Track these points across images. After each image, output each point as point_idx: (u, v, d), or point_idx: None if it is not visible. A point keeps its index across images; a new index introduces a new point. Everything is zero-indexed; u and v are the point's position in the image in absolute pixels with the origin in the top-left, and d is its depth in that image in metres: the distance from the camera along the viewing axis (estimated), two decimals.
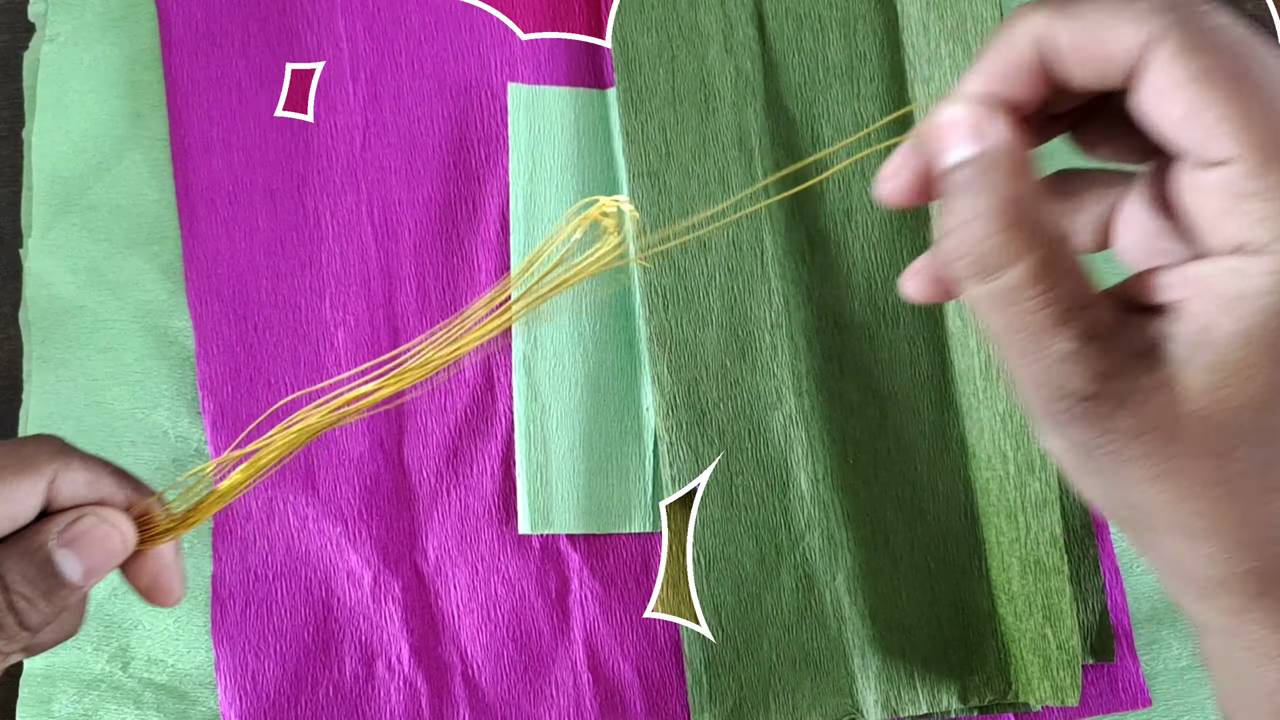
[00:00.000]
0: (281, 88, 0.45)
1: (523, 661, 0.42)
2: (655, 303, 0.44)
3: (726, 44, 0.45)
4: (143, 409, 0.43)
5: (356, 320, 0.44)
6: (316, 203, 0.45)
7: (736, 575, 0.42)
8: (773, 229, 0.44)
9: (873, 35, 0.46)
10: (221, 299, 0.44)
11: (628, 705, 0.42)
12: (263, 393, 0.43)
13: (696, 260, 0.44)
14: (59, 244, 0.44)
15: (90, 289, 0.44)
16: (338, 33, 0.46)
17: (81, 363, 0.43)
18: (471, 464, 0.43)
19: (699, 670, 0.42)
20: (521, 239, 0.45)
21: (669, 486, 0.43)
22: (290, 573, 0.42)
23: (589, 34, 0.47)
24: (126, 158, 0.45)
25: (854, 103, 0.45)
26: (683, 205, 0.44)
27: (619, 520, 0.43)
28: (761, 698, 0.42)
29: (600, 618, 0.43)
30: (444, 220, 0.45)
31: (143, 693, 0.41)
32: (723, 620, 0.42)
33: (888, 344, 0.44)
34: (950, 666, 0.42)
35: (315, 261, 0.44)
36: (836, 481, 0.43)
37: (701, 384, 0.43)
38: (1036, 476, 0.41)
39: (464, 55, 0.46)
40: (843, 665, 0.42)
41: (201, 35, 0.45)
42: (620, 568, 0.43)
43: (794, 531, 0.42)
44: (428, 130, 0.46)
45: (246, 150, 0.45)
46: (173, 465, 0.43)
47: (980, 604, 0.43)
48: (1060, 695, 0.41)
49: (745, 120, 0.45)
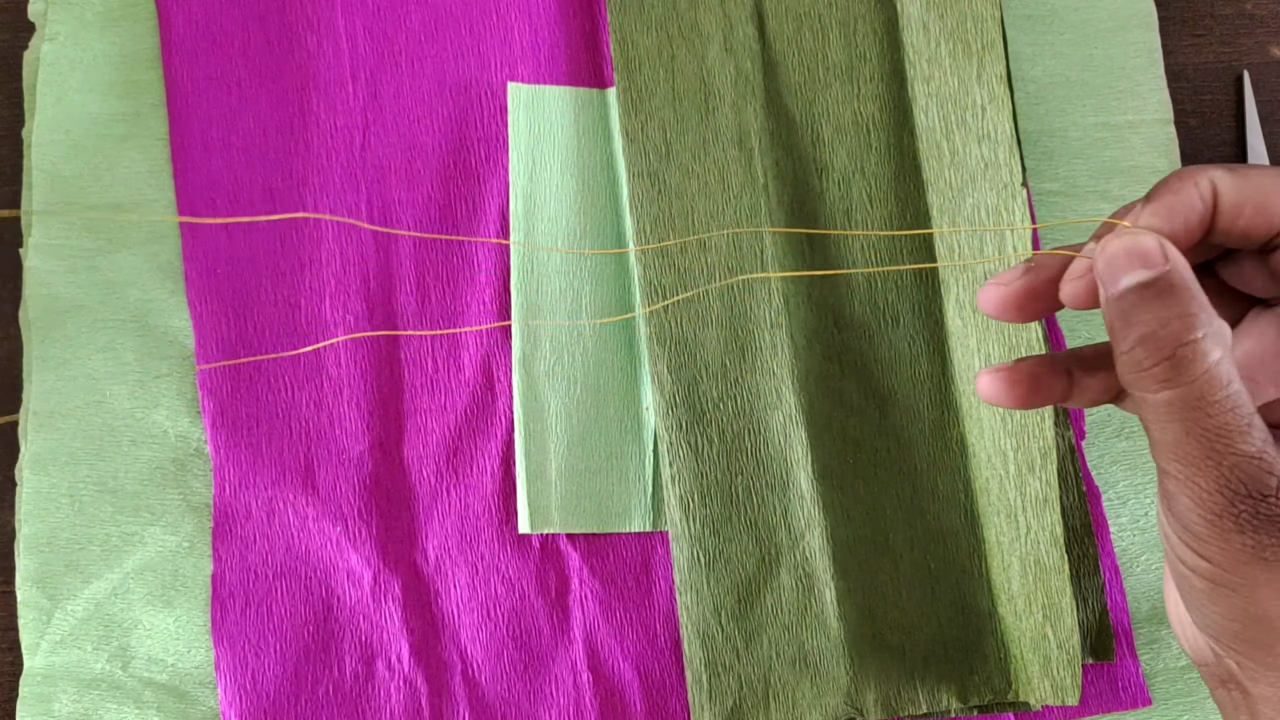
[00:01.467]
0: (281, 87, 0.45)
1: (522, 661, 0.42)
2: (655, 301, 0.44)
3: (726, 43, 0.45)
4: (143, 409, 0.43)
5: (356, 320, 0.44)
6: (316, 202, 0.45)
7: (736, 575, 0.42)
8: (772, 228, 0.44)
9: (873, 35, 0.46)
10: (221, 298, 0.44)
11: (628, 705, 0.42)
12: (262, 392, 0.43)
13: (696, 260, 0.44)
14: (59, 243, 0.44)
15: (90, 288, 0.44)
16: (338, 32, 0.46)
17: (81, 362, 0.43)
18: (471, 463, 0.43)
19: (699, 670, 0.42)
20: (521, 239, 0.45)
21: (669, 486, 0.43)
22: (290, 572, 0.42)
23: (588, 34, 0.47)
24: (126, 157, 0.45)
25: (854, 102, 0.45)
26: (683, 205, 0.44)
27: (619, 520, 0.43)
28: (761, 697, 0.42)
29: (600, 617, 0.43)
30: (444, 220, 0.45)
31: (143, 692, 0.41)
32: (722, 620, 0.42)
33: (888, 343, 0.44)
34: (950, 666, 0.42)
35: (315, 261, 0.44)
36: (836, 481, 0.43)
37: (701, 383, 0.43)
38: (1037, 476, 0.41)
39: (464, 55, 0.46)
40: (843, 665, 0.42)
41: (201, 35, 0.45)
42: (620, 567, 0.43)
43: (794, 531, 0.43)
44: (427, 130, 0.46)
45: (246, 150, 0.45)
46: (173, 465, 0.43)
47: (980, 603, 0.43)
48: (1060, 695, 0.41)
49: (745, 120, 0.45)
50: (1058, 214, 0.46)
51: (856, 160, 0.45)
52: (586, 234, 0.45)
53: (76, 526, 0.42)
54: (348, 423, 0.43)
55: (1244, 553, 0.26)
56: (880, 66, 0.46)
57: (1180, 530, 0.28)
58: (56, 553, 0.42)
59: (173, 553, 0.42)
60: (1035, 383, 0.31)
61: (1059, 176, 0.47)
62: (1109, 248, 0.27)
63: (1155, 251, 0.26)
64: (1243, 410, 0.26)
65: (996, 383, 0.31)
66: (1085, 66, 0.48)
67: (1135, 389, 0.27)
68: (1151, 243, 0.27)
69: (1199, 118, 0.48)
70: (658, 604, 0.43)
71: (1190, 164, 0.47)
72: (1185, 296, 0.26)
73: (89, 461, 0.43)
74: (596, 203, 0.45)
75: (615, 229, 0.45)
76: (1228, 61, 0.49)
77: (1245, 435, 0.26)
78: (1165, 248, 0.27)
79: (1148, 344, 0.26)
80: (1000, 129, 0.43)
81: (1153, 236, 0.27)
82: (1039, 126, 0.47)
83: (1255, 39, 0.49)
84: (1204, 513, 0.27)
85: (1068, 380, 0.31)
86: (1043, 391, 0.31)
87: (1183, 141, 0.47)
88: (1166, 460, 0.27)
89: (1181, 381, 0.26)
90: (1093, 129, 0.47)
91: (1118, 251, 0.27)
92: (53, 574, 0.42)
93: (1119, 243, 0.27)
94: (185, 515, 0.43)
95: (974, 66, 0.44)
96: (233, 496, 0.42)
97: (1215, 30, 0.49)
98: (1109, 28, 0.48)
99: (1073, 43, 0.48)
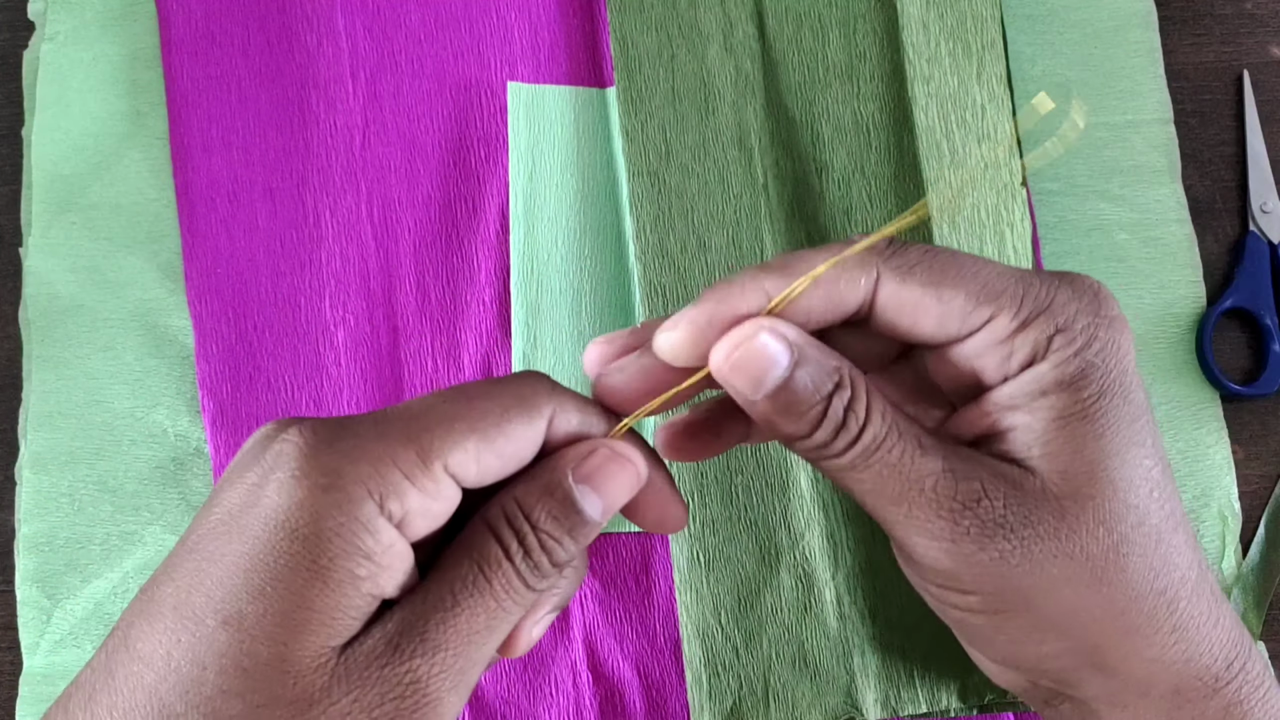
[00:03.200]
0: (281, 87, 0.45)
1: (522, 661, 0.42)
2: (655, 301, 0.44)
3: (726, 43, 0.45)
4: (143, 408, 0.43)
5: (356, 320, 0.44)
6: (316, 202, 0.45)
7: (736, 575, 0.42)
8: (772, 228, 0.44)
9: (872, 35, 0.46)
10: (221, 298, 0.44)
11: (628, 705, 0.42)
12: (262, 392, 0.43)
13: (696, 259, 0.44)
14: (58, 243, 0.44)
15: (90, 288, 0.44)
16: (338, 32, 0.46)
17: (81, 362, 0.43)
18: None
19: (699, 669, 0.42)
20: (521, 238, 0.45)
21: None
22: None
23: (588, 33, 0.47)
24: (126, 156, 0.45)
25: (854, 102, 0.45)
26: (683, 204, 0.44)
27: (618, 519, 0.43)
28: (761, 697, 0.42)
29: (600, 617, 0.43)
30: (444, 219, 0.45)
31: None
32: (722, 620, 0.42)
33: None
34: (950, 665, 0.42)
35: (315, 261, 0.44)
36: None
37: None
38: None
39: (464, 55, 0.46)
40: (842, 664, 0.42)
41: (201, 34, 0.45)
42: (620, 567, 0.43)
43: (794, 530, 0.43)
44: (427, 129, 0.46)
45: (246, 149, 0.45)
46: (173, 465, 0.43)
47: None
48: None
49: (745, 119, 0.45)
50: (1058, 214, 0.46)
51: (856, 160, 0.45)
52: (586, 233, 0.45)
53: (76, 526, 0.42)
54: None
55: (994, 567, 0.27)
56: (880, 66, 0.46)
57: (934, 576, 0.29)
58: (56, 552, 0.42)
59: None
60: (710, 435, 0.31)
61: (1059, 176, 0.47)
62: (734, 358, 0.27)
63: (782, 348, 0.27)
64: (918, 440, 0.27)
65: (672, 440, 0.31)
66: (1085, 66, 0.48)
67: (818, 462, 0.28)
68: (773, 340, 0.27)
69: (1199, 117, 0.48)
70: (658, 604, 0.43)
71: (1190, 163, 0.47)
72: (826, 364, 0.27)
73: (89, 461, 0.43)
74: (596, 202, 0.45)
75: (615, 229, 0.45)
76: (1228, 61, 0.49)
77: (926, 456, 0.27)
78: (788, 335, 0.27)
79: (811, 415, 0.27)
80: (1000, 129, 0.43)
81: (768, 330, 0.27)
82: (1039, 126, 0.47)
83: (1255, 39, 0.49)
84: (940, 542, 0.27)
85: (744, 427, 0.31)
86: (720, 439, 0.31)
87: (1183, 141, 0.47)
88: (882, 506, 0.28)
89: (853, 439, 0.27)
90: (1093, 128, 0.47)
91: (747, 358, 0.27)
92: (52, 573, 0.42)
93: (741, 351, 0.27)
94: (185, 515, 0.43)
95: (974, 66, 0.44)
96: None
97: (1215, 30, 0.49)
98: (1109, 27, 0.48)
99: (1072, 42, 0.48)
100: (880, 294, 0.28)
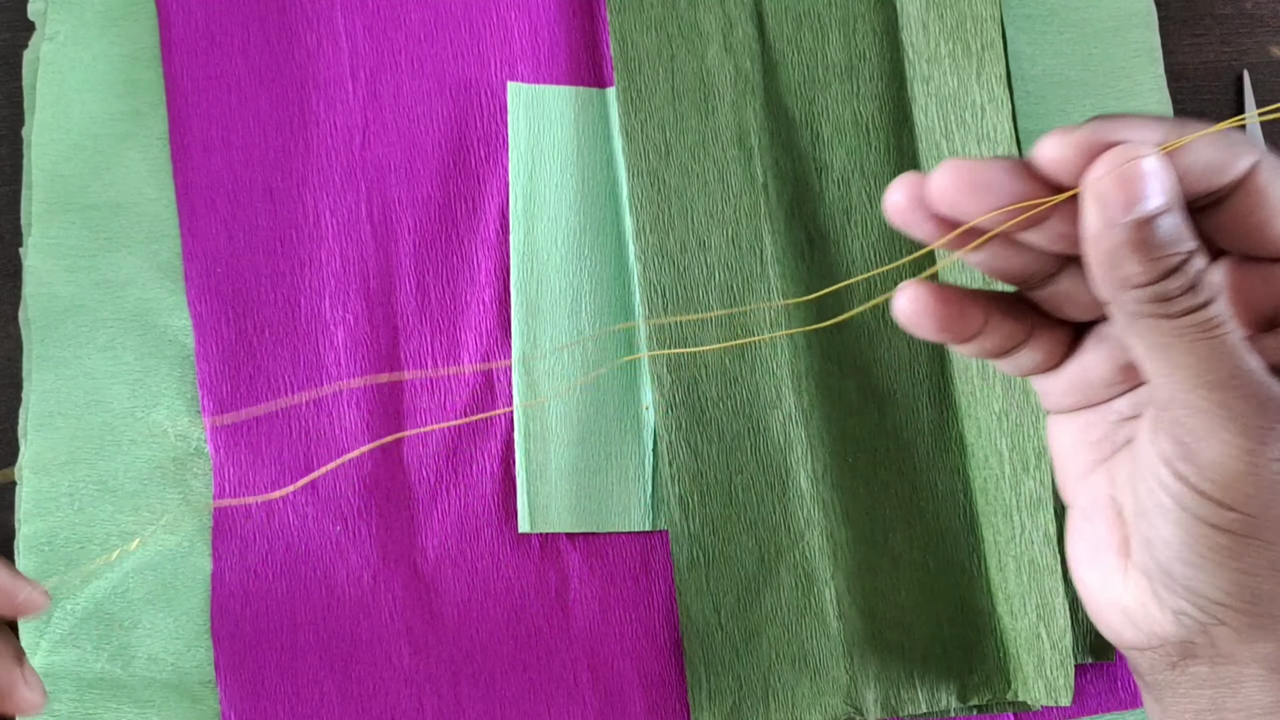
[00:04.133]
0: (281, 87, 0.45)
1: (522, 660, 0.42)
2: (655, 301, 0.44)
3: (726, 43, 0.45)
4: (143, 408, 0.43)
5: (356, 319, 0.44)
6: (316, 202, 0.45)
7: (736, 574, 0.42)
8: (772, 227, 0.44)
9: (872, 35, 0.46)
10: (221, 298, 0.44)
11: (628, 704, 0.42)
12: (263, 392, 0.43)
13: (696, 259, 0.44)
14: (58, 242, 0.44)
15: (90, 287, 0.44)
16: (337, 32, 0.46)
17: (81, 362, 0.43)
18: (471, 463, 0.43)
19: (699, 669, 0.42)
20: (521, 238, 0.45)
21: (668, 485, 0.43)
22: (290, 572, 0.42)
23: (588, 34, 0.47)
24: (125, 156, 0.45)
25: (853, 102, 0.45)
26: (682, 204, 0.44)
27: (618, 519, 0.43)
28: (761, 696, 0.42)
29: (600, 616, 0.43)
30: (444, 219, 0.45)
31: (143, 691, 0.41)
32: (722, 619, 0.42)
33: (887, 344, 0.44)
34: (949, 665, 0.42)
35: (315, 261, 0.44)
36: (836, 480, 0.43)
37: (701, 383, 0.43)
38: (1031, 475, 0.41)
39: (464, 55, 0.46)
40: (842, 664, 0.42)
41: (201, 34, 0.45)
42: (620, 566, 0.43)
43: (794, 530, 0.43)
44: (427, 130, 0.46)
45: (246, 150, 0.45)
46: (172, 465, 0.43)
47: (979, 603, 0.43)
48: (1053, 695, 0.41)
49: (745, 119, 0.45)
50: None
51: (856, 160, 0.45)
52: (586, 233, 0.45)
53: (76, 526, 0.42)
54: (348, 423, 0.43)
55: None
56: (880, 66, 0.46)
57: (1202, 481, 0.26)
58: (56, 552, 0.42)
59: (172, 552, 0.42)
60: (960, 307, 0.29)
61: None
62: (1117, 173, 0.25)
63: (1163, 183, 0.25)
64: (1215, 310, 0.26)
65: (922, 297, 0.29)
66: (1085, 66, 0.48)
67: (1146, 318, 0.26)
68: (1159, 170, 0.25)
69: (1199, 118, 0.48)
70: (657, 604, 0.43)
71: None
72: (1190, 228, 0.26)
73: (89, 461, 0.43)
74: (596, 202, 0.45)
75: (615, 229, 0.45)
76: (1228, 61, 0.49)
77: (1252, 355, 0.26)
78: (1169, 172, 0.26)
79: (1179, 273, 0.25)
80: (1000, 129, 0.43)
81: (1157, 159, 0.25)
82: (1039, 126, 0.47)
83: (1255, 39, 0.49)
84: (1245, 441, 0.26)
85: (983, 318, 0.30)
86: (962, 320, 0.29)
87: None
88: (1191, 389, 0.26)
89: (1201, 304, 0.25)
90: None
91: (1128, 176, 0.25)
92: (52, 573, 0.42)
93: (1126, 168, 0.25)
94: (185, 515, 0.43)
95: (974, 66, 0.44)
96: (232, 496, 0.43)
97: (1215, 30, 0.49)
98: (1109, 27, 0.48)
99: (1072, 42, 0.48)
100: (1253, 181, 0.26)
